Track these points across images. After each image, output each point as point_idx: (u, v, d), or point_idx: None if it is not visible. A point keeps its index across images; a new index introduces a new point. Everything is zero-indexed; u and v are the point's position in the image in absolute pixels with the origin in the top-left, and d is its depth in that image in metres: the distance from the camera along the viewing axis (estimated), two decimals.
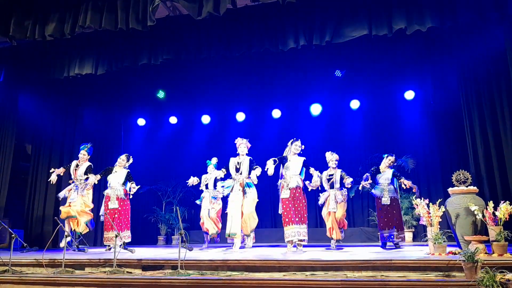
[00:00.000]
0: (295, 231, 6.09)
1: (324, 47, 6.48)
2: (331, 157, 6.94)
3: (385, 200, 6.38)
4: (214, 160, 8.04)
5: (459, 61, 7.63)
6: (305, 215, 6.27)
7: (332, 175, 6.88)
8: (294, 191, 6.26)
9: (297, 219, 6.13)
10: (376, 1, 6.10)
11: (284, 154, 6.62)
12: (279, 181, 6.53)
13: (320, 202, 6.90)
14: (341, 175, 6.79)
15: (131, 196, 7.20)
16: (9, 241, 5.31)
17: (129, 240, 7.06)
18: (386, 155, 6.83)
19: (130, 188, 7.07)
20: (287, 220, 6.15)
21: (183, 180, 10.73)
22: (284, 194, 6.27)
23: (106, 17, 6.06)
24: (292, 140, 6.67)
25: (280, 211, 6.34)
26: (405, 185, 6.41)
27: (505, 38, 6.35)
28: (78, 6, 6.24)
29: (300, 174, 6.41)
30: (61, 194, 7.23)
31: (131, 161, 7.39)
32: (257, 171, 6.45)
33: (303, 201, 6.32)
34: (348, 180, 6.57)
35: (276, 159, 6.41)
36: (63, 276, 4.54)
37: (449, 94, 8.54)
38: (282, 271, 4.31)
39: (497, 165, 6.71)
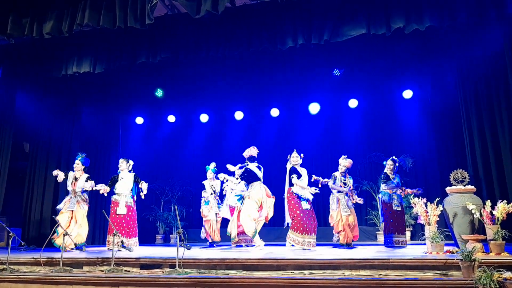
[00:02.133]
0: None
1: (322, 46, 6.48)
2: (345, 163, 6.98)
3: (396, 207, 6.58)
4: (213, 165, 8.13)
5: (457, 61, 7.65)
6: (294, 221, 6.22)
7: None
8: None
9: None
10: (375, 0, 6.10)
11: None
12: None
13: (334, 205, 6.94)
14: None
15: (143, 196, 7.09)
16: (7, 240, 5.30)
17: (136, 246, 6.98)
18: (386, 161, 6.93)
19: (141, 188, 7.00)
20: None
21: (181, 178, 10.78)
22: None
23: (104, 16, 6.04)
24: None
25: None
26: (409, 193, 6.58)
27: (503, 38, 6.37)
28: (76, 4, 6.21)
29: (290, 184, 6.42)
30: (60, 206, 7.12)
31: (131, 162, 7.28)
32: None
33: (293, 208, 6.28)
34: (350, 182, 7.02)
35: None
36: (61, 275, 4.53)
37: (447, 94, 8.55)
38: (280, 270, 4.31)
39: (494, 164, 6.73)
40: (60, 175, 7.14)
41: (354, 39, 6.33)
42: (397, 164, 6.87)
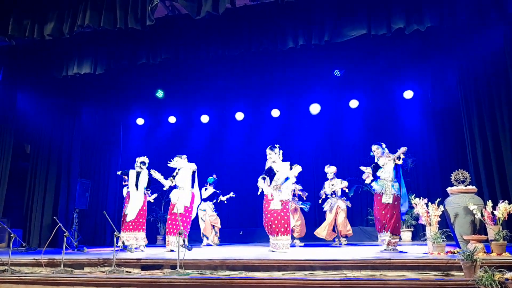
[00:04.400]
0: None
1: (323, 46, 6.48)
2: (329, 170, 7.94)
3: (387, 199, 5.71)
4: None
5: (458, 61, 7.64)
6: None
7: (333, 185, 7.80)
8: (284, 204, 6.08)
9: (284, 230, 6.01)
10: (375, 1, 6.10)
11: (268, 165, 6.37)
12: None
13: (326, 208, 7.75)
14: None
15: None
16: (8, 241, 5.31)
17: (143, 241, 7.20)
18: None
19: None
20: (277, 230, 5.96)
21: None
22: (275, 205, 6.04)
23: (105, 17, 6.04)
24: (273, 147, 6.47)
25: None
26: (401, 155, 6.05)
27: (504, 38, 6.37)
28: (77, 5, 6.22)
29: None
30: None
31: (138, 160, 7.51)
32: None
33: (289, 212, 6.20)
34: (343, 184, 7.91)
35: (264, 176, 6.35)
36: (62, 276, 4.53)
37: (448, 94, 8.54)
38: (281, 271, 4.31)
39: (495, 164, 6.72)
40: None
41: (355, 40, 6.33)
42: (383, 145, 6.23)
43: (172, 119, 11.18)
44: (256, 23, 6.63)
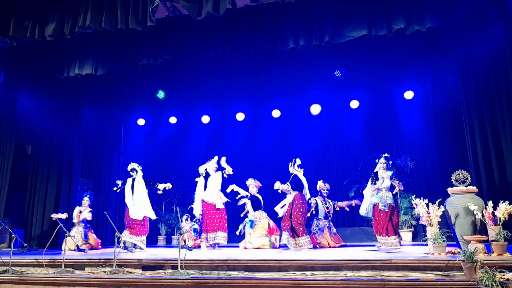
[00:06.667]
0: None
1: (323, 47, 6.49)
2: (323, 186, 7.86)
3: (383, 207, 6.23)
4: None
5: (458, 61, 7.64)
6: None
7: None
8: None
9: None
10: (376, 1, 6.10)
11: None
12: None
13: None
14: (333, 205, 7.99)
15: None
16: (9, 241, 5.32)
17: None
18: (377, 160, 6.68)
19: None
20: None
21: (183, 180, 10.78)
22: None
23: (106, 17, 6.05)
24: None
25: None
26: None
27: (504, 38, 6.37)
28: (78, 6, 6.23)
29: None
30: None
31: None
32: None
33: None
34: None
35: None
36: (63, 276, 4.54)
37: (449, 94, 8.55)
38: (282, 271, 4.32)
39: (496, 165, 6.72)
40: None
41: (355, 40, 6.34)
42: (390, 162, 6.52)
43: (173, 120, 11.20)
44: (257, 23, 6.63)
